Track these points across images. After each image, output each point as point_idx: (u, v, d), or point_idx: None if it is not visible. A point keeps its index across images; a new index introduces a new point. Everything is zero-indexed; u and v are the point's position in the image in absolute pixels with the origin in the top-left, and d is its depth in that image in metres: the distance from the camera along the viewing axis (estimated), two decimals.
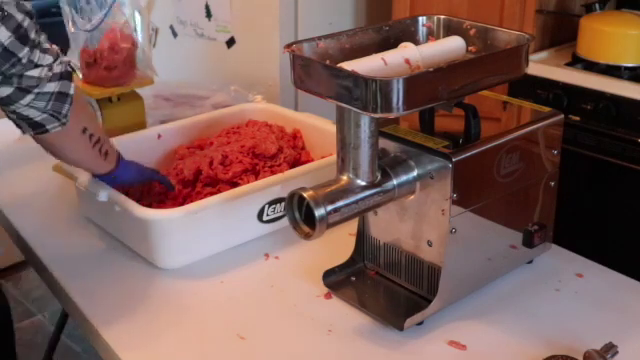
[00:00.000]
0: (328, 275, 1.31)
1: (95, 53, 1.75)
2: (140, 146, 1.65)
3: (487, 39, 1.26)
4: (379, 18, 2.66)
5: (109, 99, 1.77)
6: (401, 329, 1.18)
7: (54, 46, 1.17)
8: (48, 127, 1.20)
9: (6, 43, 1.07)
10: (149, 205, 1.43)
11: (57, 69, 1.16)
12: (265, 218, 1.46)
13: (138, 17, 1.91)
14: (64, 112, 1.19)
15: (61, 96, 1.18)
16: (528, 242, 1.30)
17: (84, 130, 1.28)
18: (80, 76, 1.80)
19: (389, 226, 1.27)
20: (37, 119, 1.18)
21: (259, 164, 1.55)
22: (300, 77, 1.15)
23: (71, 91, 1.19)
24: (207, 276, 1.36)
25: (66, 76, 1.18)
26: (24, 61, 1.10)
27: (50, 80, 1.15)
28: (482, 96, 1.31)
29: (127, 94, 1.80)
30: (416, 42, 1.29)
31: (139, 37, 1.82)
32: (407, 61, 1.17)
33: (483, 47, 1.26)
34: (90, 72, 1.76)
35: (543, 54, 2.37)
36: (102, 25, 1.74)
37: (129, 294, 1.33)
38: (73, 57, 1.78)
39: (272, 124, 1.73)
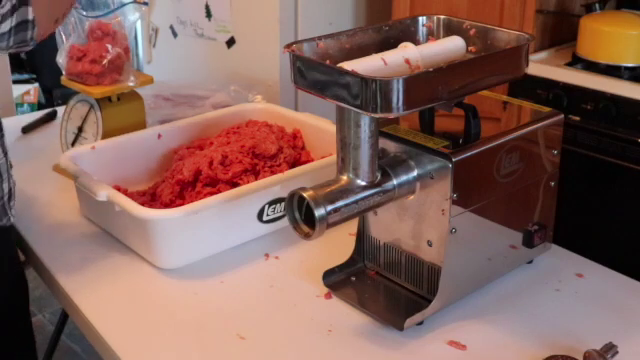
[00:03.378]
0: (328, 275, 1.31)
1: (85, 48, 1.75)
2: (140, 146, 1.65)
3: (487, 39, 1.26)
4: (379, 18, 2.66)
5: (109, 99, 1.76)
6: (401, 329, 1.18)
7: None
8: (20, 52, 1.14)
9: None
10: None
11: (7, 6, 1.08)
12: (265, 218, 1.46)
13: (138, 20, 1.91)
14: (29, 38, 1.15)
15: (21, 27, 1.12)
16: (528, 242, 1.30)
17: (55, 21, 1.23)
18: (63, 72, 1.80)
19: (389, 226, 1.27)
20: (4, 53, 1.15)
21: (259, 164, 1.54)
22: (300, 77, 1.15)
23: (30, 16, 1.12)
24: (207, 276, 1.36)
25: (19, 4, 1.11)
26: None
27: (3, 21, 1.09)
28: (482, 96, 1.31)
29: (127, 94, 1.80)
30: (416, 42, 1.29)
31: (139, 45, 1.82)
32: (407, 61, 1.17)
33: (483, 47, 1.26)
34: (75, 65, 1.75)
35: (543, 54, 2.37)
36: (104, 18, 1.74)
37: (129, 294, 1.33)
38: (60, 55, 1.78)
39: (272, 124, 1.72)
